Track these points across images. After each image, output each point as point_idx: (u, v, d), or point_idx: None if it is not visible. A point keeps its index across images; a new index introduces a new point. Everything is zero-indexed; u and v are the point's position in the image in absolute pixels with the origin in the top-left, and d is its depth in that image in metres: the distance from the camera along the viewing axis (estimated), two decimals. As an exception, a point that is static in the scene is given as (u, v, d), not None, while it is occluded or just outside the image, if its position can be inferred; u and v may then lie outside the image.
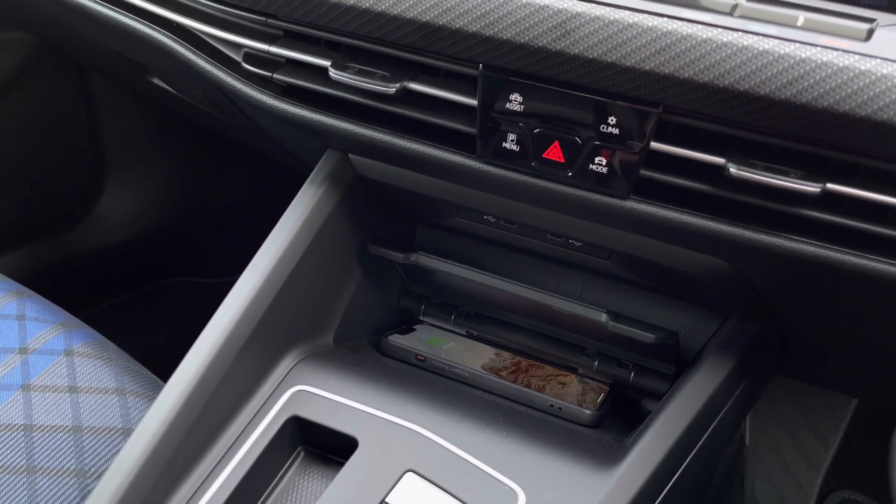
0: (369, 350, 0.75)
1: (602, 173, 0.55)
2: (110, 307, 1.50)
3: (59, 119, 1.39)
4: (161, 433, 0.61)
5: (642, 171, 0.55)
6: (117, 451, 0.75)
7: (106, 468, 0.73)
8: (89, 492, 0.72)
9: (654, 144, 0.53)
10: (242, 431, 0.64)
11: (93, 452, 0.74)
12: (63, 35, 1.11)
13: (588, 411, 0.67)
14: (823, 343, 0.69)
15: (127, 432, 0.76)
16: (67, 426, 0.76)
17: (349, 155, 0.70)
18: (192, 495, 0.61)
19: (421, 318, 0.82)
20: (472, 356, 0.74)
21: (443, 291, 0.81)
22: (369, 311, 0.78)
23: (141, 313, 1.54)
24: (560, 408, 0.68)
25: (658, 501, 0.61)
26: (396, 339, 0.75)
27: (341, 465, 0.62)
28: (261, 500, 0.63)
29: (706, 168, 0.53)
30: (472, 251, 0.77)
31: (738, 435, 1.15)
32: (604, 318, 0.66)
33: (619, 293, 0.73)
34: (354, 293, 0.75)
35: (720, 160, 0.52)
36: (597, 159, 0.55)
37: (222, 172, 1.61)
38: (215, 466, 0.63)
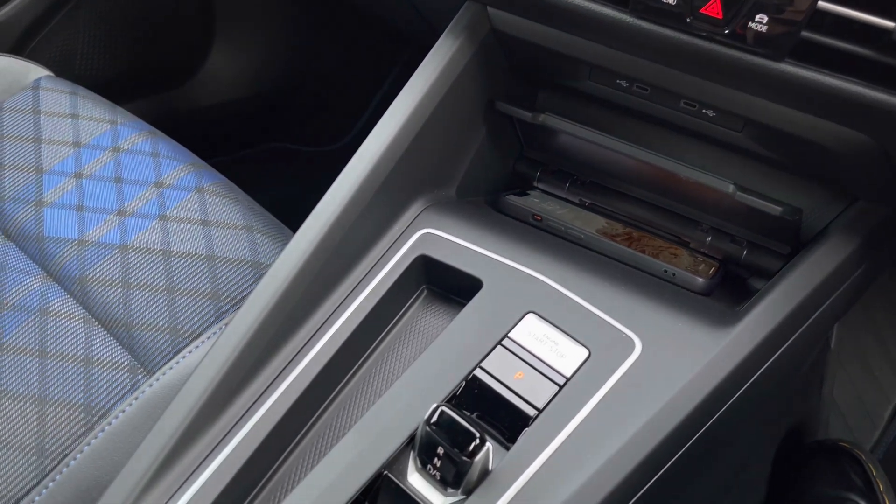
0: (487, 207, 0.78)
1: (761, 32, 0.54)
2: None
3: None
4: (300, 265, 0.65)
5: (803, 33, 0.54)
6: (248, 280, 0.81)
7: (238, 293, 0.80)
8: (223, 313, 0.79)
9: (821, 3, 0.52)
10: (372, 268, 0.68)
11: (225, 280, 0.80)
12: None
13: (701, 279, 0.69)
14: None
15: (255, 265, 0.82)
16: (202, 254, 0.82)
17: (487, 8, 0.70)
18: (326, 321, 0.66)
19: (535, 184, 0.83)
20: (585, 223, 0.76)
21: (560, 158, 0.82)
22: (487, 171, 0.81)
23: (240, 175, 1.61)
24: (674, 273, 0.69)
25: (763, 369, 0.63)
26: (514, 199, 0.77)
27: (462, 305, 0.65)
28: (386, 330, 0.68)
29: (871, 31, 0.52)
30: (594, 119, 0.77)
31: (824, 338, 1.15)
32: (731, 188, 0.67)
33: (745, 169, 0.72)
34: (477, 151, 0.77)
35: (890, 23, 0.50)
36: (758, 16, 0.54)
37: (322, 42, 1.62)
38: (346, 297, 0.67)
